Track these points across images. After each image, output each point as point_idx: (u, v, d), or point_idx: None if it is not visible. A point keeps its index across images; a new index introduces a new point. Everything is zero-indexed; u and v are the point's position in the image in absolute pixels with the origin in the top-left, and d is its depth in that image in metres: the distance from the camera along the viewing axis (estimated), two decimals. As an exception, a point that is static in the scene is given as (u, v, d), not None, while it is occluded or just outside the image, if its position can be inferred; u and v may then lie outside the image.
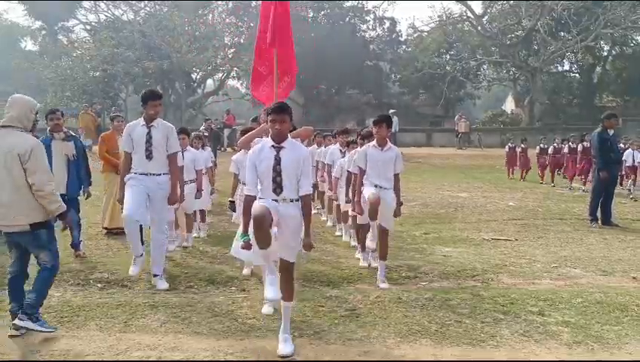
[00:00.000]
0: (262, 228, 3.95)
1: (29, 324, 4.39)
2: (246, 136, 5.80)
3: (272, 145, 4.15)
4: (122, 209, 5.69)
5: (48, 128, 6.72)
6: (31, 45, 39.60)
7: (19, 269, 4.64)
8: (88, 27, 36.17)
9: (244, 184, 5.54)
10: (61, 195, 6.55)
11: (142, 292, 5.57)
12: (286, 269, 4.18)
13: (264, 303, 4.95)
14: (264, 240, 3.99)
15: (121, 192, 5.78)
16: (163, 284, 5.74)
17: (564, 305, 5.20)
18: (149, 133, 5.67)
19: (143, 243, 5.89)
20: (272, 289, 4.16)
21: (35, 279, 4.59)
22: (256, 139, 5.66)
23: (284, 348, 4.12)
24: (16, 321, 4.39)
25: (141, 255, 5.82)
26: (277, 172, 4.10)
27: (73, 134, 7.16)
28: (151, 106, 5.67)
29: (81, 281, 5.96)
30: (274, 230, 4.13)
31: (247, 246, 4.16)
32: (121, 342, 4.34)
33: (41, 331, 4.40)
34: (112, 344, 4.29)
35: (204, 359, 4.06)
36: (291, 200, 4.15)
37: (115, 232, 7.91)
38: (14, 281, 4.63)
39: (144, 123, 5.72)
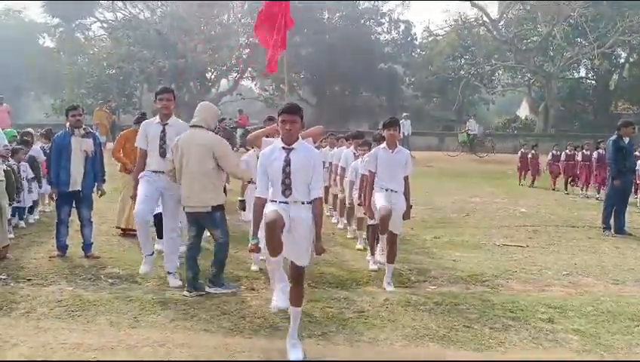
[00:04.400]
0: (274, 235, 3.87)
1: (218, 289, 5.45)
2: (256, 132, 5.84)
3: (283, 147, 4.12)
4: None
5: (68, 124, 6.77)
6: (49, 42, 39.97)
7: (195, 243, 5.58)
8: (105, 25, 36.46)
9: (252, 183, 5.59)
10: (76, 192, 6.70)
11: (152, 289, 5.62)
12: (297, 274, 4.10)
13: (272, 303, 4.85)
14: (275, 247, 3.92)
15: (134, 190, 5.79)
16: (176, 282, 5.77)
17: (575, 312, 5.16)
18: (163, 131, 5.70)
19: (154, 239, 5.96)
20: (283, 298, 4.07)
21: (214, 255, 5.55)
22: (265, 139, 5.69)
23: (294, 353, 4.09)
24: (207, 289, 5.46)
25: (152, 253, 5.87)
26: (286, 173, 4.06)
27: (92, 131, 7.19)
28: (159, 100, 5.71)
29: (93, 276, 6.02)
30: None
31: (255, 248, 4.17)
32: (131, 337, 4.38)
33: (226, 292, 5.44)
34: (122, 339, 4.34)
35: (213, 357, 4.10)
36: (302, 203, 4.11)
37: (129, 234, 7.90)
38: (191, 252, 5.54)
39: (159, 120, 5.76)
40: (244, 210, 6.48)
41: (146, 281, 5.86)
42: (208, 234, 8.08)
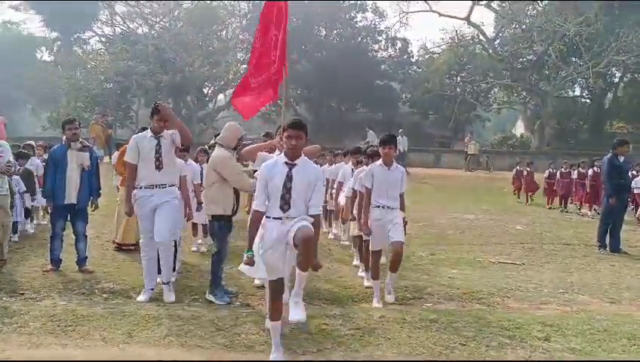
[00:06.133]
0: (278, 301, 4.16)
1: (211, 298, 5.68)
2: (252, 147, 5.84)
3: (286, 162, 4.10)
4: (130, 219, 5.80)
5: (65, 137, 6.76)
6: (47, 56, 40.10)
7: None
8: (103, 39, 36.69)
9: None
10: (71, 205, 6.67)
11: (146, 304, 5.57)
12: (308, 241, 3.92)
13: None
14: (279, 310, 4.15)
15: (127, 205, 5.79)
16: (170, 296, 5.73)
17: (571, 331, 5.14)
18: (158, 144, 5.66)
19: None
20: (296, 311, 4.08)
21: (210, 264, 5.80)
22: (261, 154, 5.68)
23: (296, 313, 4.07)
24: (206, 296, 5.74)
25: (153, 288, 5.81)
26: (287, 189, 4.04)
27: (89, 145, 7.18)
28: (156, 120, 5.67)
29: (87, 291, 5.97)
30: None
31: (249, 261, 4.15)
32: (124, 352, 4.34)
33: (218, 303, 5.61)
34: (115, 354, 4.29)
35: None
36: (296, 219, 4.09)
37: (125, 249, 7.79)
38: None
39: (152, 134, 5.71)
40: None
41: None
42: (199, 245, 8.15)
